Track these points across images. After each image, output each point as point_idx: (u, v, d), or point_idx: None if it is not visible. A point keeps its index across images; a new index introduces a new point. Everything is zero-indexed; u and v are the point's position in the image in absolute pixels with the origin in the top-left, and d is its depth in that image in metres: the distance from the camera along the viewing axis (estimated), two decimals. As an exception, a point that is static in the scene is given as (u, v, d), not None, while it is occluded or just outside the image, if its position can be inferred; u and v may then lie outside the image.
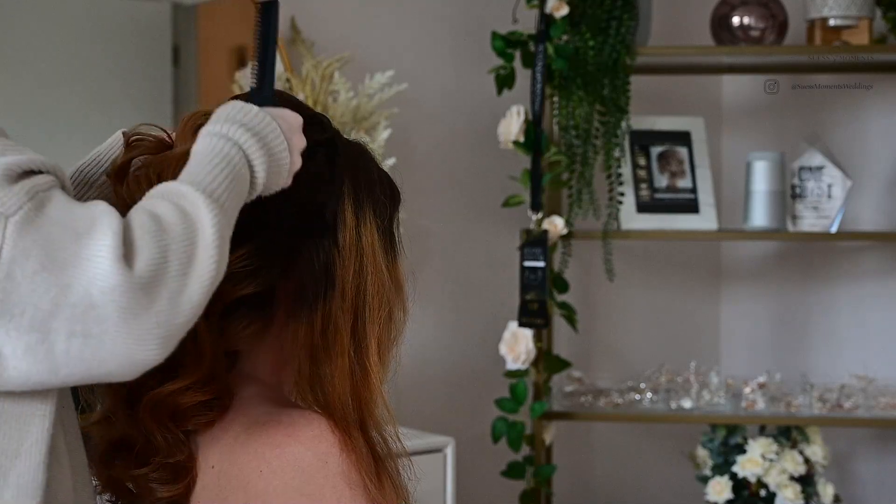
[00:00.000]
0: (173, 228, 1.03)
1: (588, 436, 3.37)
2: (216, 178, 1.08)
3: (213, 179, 1.08)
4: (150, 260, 1.01)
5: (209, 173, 1.08)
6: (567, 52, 2.84)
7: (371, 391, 1.23)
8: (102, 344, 1.00)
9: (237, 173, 1.10)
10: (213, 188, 1.07)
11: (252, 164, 1.12)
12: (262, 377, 1.27)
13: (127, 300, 0.99)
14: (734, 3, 2.97)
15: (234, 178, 1.10)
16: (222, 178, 1.08)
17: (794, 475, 2.94)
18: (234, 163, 1.10)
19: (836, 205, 2.98)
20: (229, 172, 1.09)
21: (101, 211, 1.02)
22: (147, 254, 1.01)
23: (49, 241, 0.99)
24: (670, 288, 3.48)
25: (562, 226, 2.86)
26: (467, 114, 3.11)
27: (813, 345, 3.40)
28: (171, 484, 1.21)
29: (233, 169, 1.10)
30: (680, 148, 3.07)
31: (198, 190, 1.06)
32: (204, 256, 1.04)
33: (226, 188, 1.08)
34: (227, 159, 1.10)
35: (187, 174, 1.08)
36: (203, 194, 1.06)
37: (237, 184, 1.10)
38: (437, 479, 2.61)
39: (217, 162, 1.09)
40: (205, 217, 1.05)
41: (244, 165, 1.11)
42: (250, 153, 1.12)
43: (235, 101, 1.17)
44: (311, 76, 2.69)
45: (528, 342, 2.82)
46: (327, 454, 1.17)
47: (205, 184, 1.07)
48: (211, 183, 1.07)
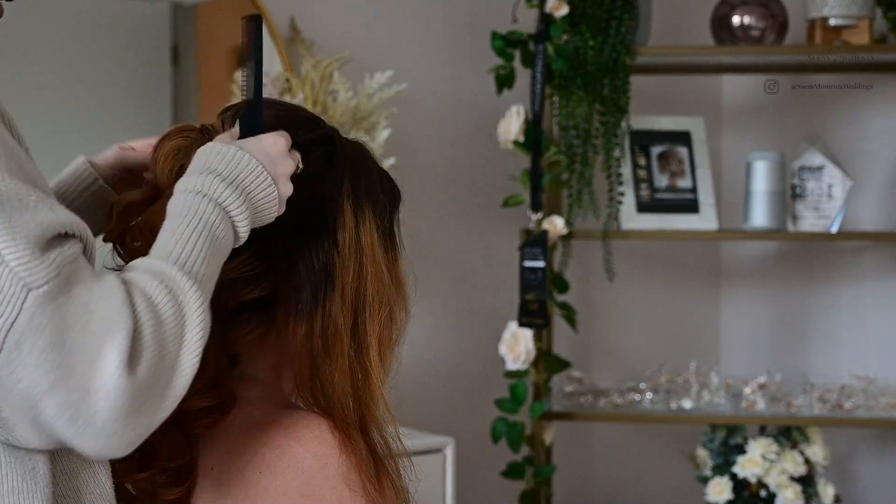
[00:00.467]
0: (168, 321, 1.03)
1: (588, 436, 3.37)
2: (193, 249, 1.07)
3: (190, 252, 1.07)
4: (150, 365, 1.01)
5: (186, 243, 1.07)
6: (567, 52, 2.83)
7: (372, 391, 1.22)
8: (85, 431, 1.00)
9: (215, 235, 1.09)
10: (191, 264, 1.06)
11: (232, 218, 1.11)
12: (261, 378, 1.26)
13: (122, 403, 0.99)
14: (734, 2, 2.97)
15: (212, 242, 1.09)
16: (200, 248, 1.08)
17: (794, 475, 2.94)
18: (210, 224, 1.09)
19: (836, 205, 2.98)
20: (207, 237, 1.08)
21: (120, 301, 1.01)
22: (148, 359, 1.01)
23: (65, 323, 0.98)
24: (670, 288, 3.47)
25: (562, 226, 2.85)
26: (467, 114, 3.11)
27: (813, 345, 3.40)
28: (172, 487, 1.21)
29: (210, 232, 1.09)
30: (680, 148, 3.07)
31: (181, 270, 1.05)
32: (189, 349, 1.04)
33: (203, 259, 1.07)
34: (204, 221, 1.09)
35: (165, 245, 1.07)
36: (186, 275, 1.05)
37: (216, 246, 1.09)
38: (437, 480, 2.61)
39: (194, 227, 1.08)
40: (191, 303, 1.04)
41: (223, 220, 1.10)
42: (229, 207, 1.11)
43: (212, 144, 1.15)
44: (310, 76, 2.68)
45: (527, 342, 2.82)
46: (327, 455, 1.17)
47: (184, 260, 1.06)
48: (189, 257, 1.07)
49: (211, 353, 1.19)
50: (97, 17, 2.60)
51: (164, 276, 1.04)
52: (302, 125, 1.26)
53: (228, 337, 1.22)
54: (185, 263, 1.06)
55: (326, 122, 1.30)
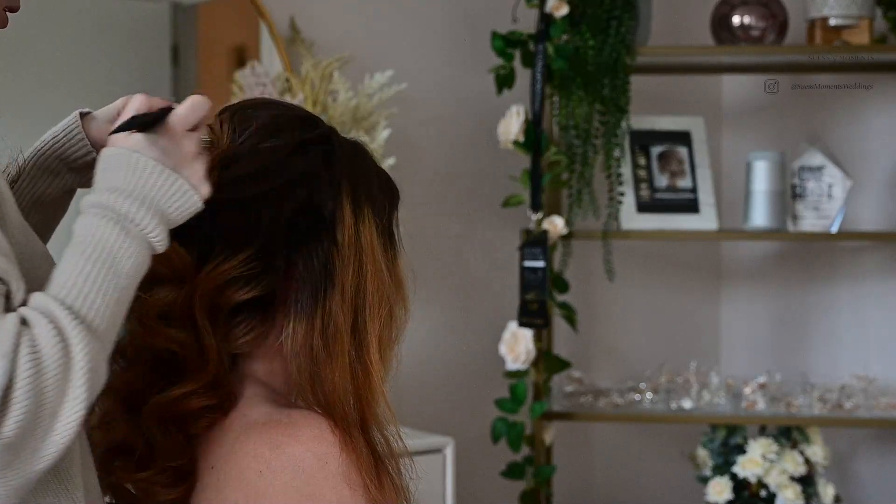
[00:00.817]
0: (49, 371, 0.98)
1: (588, 436, 3.37)
2: (93, 287, 1.03)
3: (89, 291, 1.03)
4: (19, 420, 0.96)
5: (86, 279, 1.03)
6: (567, 52, 2.83)
7: (372, 390, 1.22)
8: None
9: (117, 263, 1.05)
10: (87, 304, 1.02)
11: (142, 231, 1.07)
12: (261, 377, 1.26)
13: None
14: (734, 2, 2.97)
15: (115, 273, 1.04)
16: (100, 283, 1.03)
17: (794, 475, 2.94)
18: (112, 251, 1.05)
19: (836, 205, 2.97)
20: (109, 268, 1.04)
21: (2, 354, 0.97)
22: (17, 414, 0.96)
23: None
24: (670, 288, 3.47)
25: (562, 226, 2.85)
26: (467, 114, 3.11)
27: (813, 345, 3.40)
28: (172, 487, 1.21)
29: (113, 261, 1.04)
30: (680, 148, 3.07)
31: (70, 313, 1.01)
32: (71, 400, 0.99)
33: (102, 295, 1.03)
34: (106, 250, 1.05)
35: (61, 279, 1.03)
36: (76, 319, 1.01)
37: (119, 275, 1.04)
38: (437, 480, 2.60)
39: (95, 258, 1.04)
40: (77, 351, 1.00)
41: (127, 241, 1.06)
42: (135, 221, 1.07)
43: (106, 152, 1.11)
44: (310, 76, 2.68)
45: (527, 342, 2.82)
46: (327, 454, 1.17)
47: (79, 300, 1.02)
48: (86, 297, 1.03)
49: (212, 351, 1.19)
50: (97, 17, 2.60)
51: (54, 318, 1.00)
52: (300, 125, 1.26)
53: (228, 337, 1.22)
54: (78, 303, 1.01)
55: (325, 122, 1.30)
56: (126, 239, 1.06)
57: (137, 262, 1.07)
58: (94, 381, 1.01)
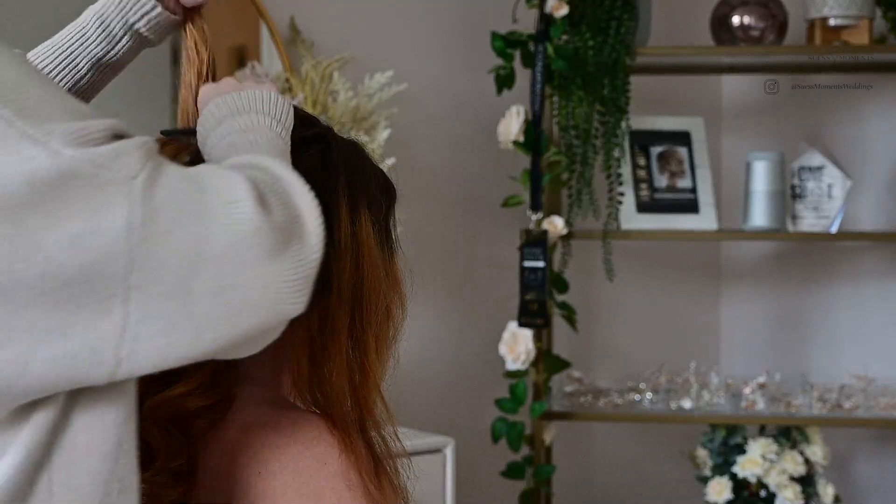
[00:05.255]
0: (273, 178, 1.01)
1: (588, 436, 3.37)
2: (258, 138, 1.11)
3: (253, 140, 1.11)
4: (281, 203, 0.98)
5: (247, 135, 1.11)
6: (567, 52, 2.83)
7: (370, 390, 1.22)
8: (247, 295, 0.95)
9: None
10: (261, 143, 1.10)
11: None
12: (259, 378, 1.26)
13: (269, 243, 0.95)
14: (734, 3, 2.97)
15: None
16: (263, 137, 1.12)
17: (794, 475, 2.94)
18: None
19: (836, 205, 2.97)
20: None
21: (222, 163, 1.01)
22: (276, 199, 0.98)
23: (176, 197, 0.93)
24: (670, 288, 3.47)
25: (562, 226, 2.85)
26: (467, 114, 3.11)
27: (813, 345, 3.40)
28: (171, 488, 1.21)
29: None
30: (680, 148, 3.07)
31: (255, 152, 1.07)
32: (303, 195, 1.02)
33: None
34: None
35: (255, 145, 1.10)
36: (260, 152, 1.07)
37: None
38: (437, 480, 2.60)
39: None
40: (276, 164, 1.04)
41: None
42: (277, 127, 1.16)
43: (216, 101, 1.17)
44: (310, 76, 2.68)
45: (527, 342, 2.82)
46: (326, 455, 1.16)
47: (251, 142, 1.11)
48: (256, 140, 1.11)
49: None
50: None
51: (240, 160, 1.04)
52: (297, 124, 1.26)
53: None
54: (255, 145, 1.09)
55: (322, 121, 1.30)
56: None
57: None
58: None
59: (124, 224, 0.90)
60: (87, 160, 0.90)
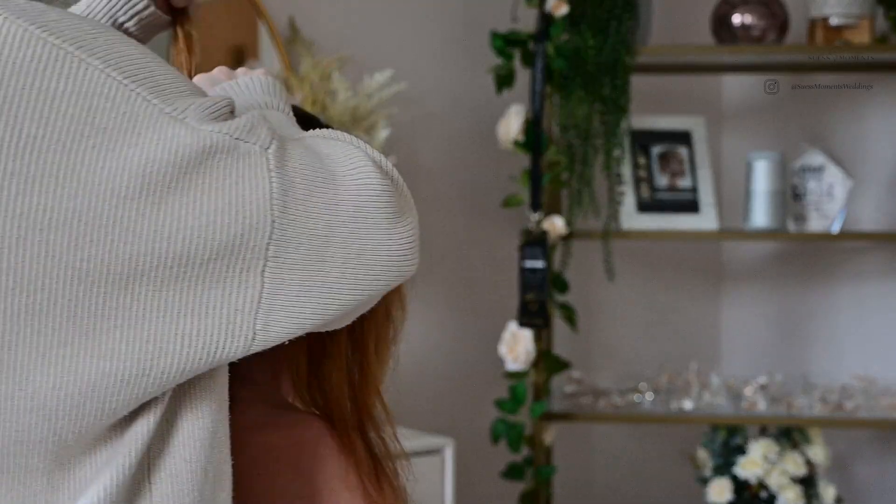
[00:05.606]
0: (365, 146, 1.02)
1: (588, 437, 3.36)
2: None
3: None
4: (388, 166, 0.98)
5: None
6: (567, 52, 2.83)
7: (369, 391, 1.22)
8: (375, 259, 0.95)
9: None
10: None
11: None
12: (258, 379, 1.25)
13: (392, 205, 0.95)
14: (735, 2, 2.96)
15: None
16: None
17: (795, 476, 2.94)
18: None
19: (836, 205, 2.97)
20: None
21: (333, 131, 1.00)
22: (383, 161, 0.98)
23: (305, 165, 0.93)
24: (670, 288, 3.47)
25: (562, 226, 2.85)
26: (467, 113, 3.10)
27: (814, 345, 3.39)
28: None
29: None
30: (680, 148, 3.07)
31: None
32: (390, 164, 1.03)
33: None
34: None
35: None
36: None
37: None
38: (437, 480, 2.60)
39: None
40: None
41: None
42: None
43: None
44: (309, 76, 2.68)
45: (527, 343, 2.81)
46: (325, 457, 1.16)
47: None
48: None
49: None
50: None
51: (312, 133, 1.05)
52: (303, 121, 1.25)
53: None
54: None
55: (322, 121, 1.29)
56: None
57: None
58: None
59: (267, 194, 0.90)
60: (225, 134, 0.90)
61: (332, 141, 0.99)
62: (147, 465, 0.94)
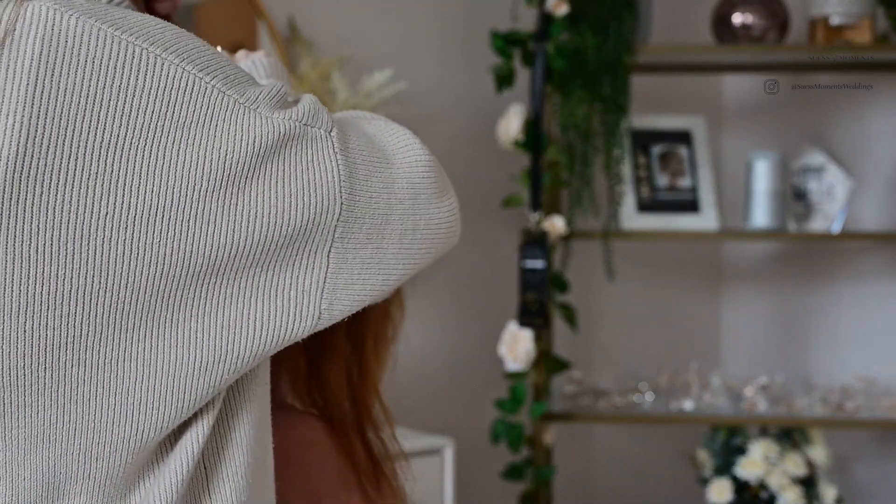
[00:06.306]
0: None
1: (588, 437, 3.36)
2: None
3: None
4: (426, 147, 1.03)
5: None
6: (567, 51, 2.82)
7: (368, 391, 1.21)
8: (427, 232, 1.00)
9: None
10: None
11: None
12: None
13: (439, 180, 1.01)
14: (735, 1, 2.96)
15: None
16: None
17: (795, 477, 2.93)
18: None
19: (837, 205, 2.97)
20: None
21: (363, 112, 1.04)
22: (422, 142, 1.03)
23: (362, 145, 0.96)
24: (671, 288, 3.46)
25: (562, 226, 2.84)
26: (467, 113, 3.10)
27: (814, 346, 3.39)
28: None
29: None
30: (680, 147, 3.06)
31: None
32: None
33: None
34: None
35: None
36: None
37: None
38: (436, 481, 2.60)
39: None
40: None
41: None
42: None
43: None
44: (309, 75, 2.68)
45: (527, 343, 2.81)
46: (324, 457, 1.16)
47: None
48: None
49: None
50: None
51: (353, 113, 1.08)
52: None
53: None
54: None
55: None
56: None
57: None
58: None
59: (336, 176, 0.92)
60: (295, 120, 0.92)
61: (374, 121, 1.03)
62: (204, 463, 0.96)
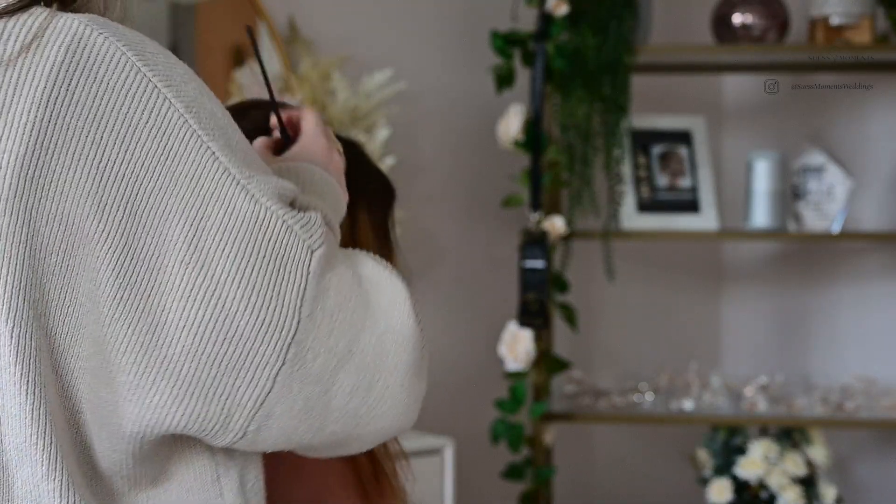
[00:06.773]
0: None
1: (588, 437, 3.36)
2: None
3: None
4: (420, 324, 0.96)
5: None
6: (567, 51, 2.82)
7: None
8: (382, 400, 0.92)
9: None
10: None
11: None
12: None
13: (418, 354, 0.94)
14: (735, 1, 2.96)
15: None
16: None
17: (795, 477, 2.93)
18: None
19: (837, 205, 2.97)
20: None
21: (375, 258, 0.97)
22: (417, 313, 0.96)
23: (343, 281, 0.91)
24: (670, 288, 3.46)
25: (562, 226, 2.84)
26: (467, 113, 3.10)
27: (814, 346, 3.39)
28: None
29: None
30: (680, 147, 3.06)
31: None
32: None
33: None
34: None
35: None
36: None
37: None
38: (436, 481, 2.60)
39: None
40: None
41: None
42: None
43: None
44: (309, 75, 2.67)
45: (527, 343, 2.81)
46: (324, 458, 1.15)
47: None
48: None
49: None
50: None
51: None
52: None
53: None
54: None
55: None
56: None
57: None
58: None
59: (299, 293, 0.88)
60: (281, 217, 0.88)
61: (383, 270, 0.96)
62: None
